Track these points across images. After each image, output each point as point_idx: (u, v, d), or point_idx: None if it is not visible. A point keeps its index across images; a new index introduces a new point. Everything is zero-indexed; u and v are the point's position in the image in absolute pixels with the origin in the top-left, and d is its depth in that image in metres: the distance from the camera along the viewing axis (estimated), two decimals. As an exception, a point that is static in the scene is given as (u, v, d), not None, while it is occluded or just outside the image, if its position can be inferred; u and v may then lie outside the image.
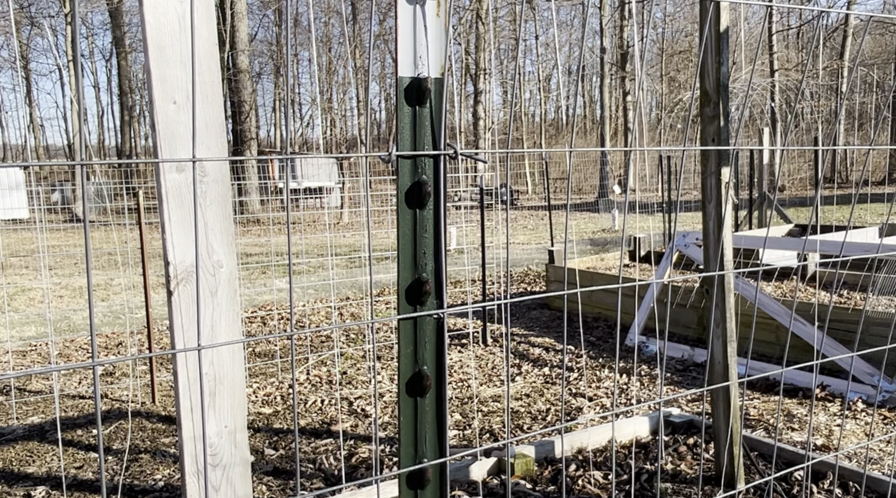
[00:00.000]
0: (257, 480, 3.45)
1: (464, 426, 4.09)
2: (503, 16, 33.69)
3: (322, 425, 4.19)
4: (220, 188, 1.34)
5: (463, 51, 27.56)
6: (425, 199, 1.18)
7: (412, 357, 1.30)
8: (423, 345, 1.30)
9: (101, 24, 40.70)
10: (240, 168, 17.31)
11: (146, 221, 4.74)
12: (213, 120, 1.32)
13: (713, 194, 2.89)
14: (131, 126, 37.04)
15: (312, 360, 5.58)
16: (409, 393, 1.31)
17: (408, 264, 1.26)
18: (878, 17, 2.71)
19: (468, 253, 8.16)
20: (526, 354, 5.59)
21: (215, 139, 1.33)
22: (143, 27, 1.25)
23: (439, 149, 0.68)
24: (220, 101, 1.35)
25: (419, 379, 1.30)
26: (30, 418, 4.51)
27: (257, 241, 12.35)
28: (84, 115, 2.74)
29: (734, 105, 12.84)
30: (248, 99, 21.05)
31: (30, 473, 3.66)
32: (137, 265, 10.27)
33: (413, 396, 1.30)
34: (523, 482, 3.19)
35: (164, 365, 5.47)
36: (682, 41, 32.89)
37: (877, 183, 25.76)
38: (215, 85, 1.32)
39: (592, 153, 28.62)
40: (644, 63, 1.55)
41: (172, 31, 1.25)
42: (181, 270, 1.29)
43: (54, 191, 20.50)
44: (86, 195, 0.50)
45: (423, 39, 0.57)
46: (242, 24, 20.91)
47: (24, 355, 6.18)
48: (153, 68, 1.25)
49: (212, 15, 1.32)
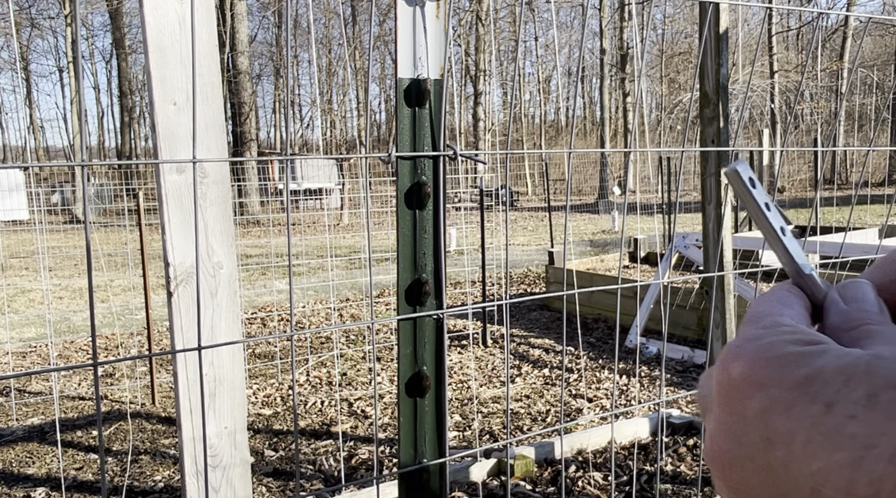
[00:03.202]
0: (257, 482, 3.45)
1: (464, 427, 4.09)
2: (503, 17, 33.72)
3: (322, 426, 4.19)
4: (220, 189, 1.34)
5: (463, 52, 27.59)
6: (425, 200, 1.18)
7: (412, 358, 1.30)
8: (423, 345, 1.30)
9: (102, 25, 40.79)
10: (239, 169, 17.32)
11: (146, 223, 4.74)
12: (213, 121, 1.32)
13: (713, 196, 2.89)
14: (131, 127, 37.06)
15: (312, 361, 5.58)
16: (408, 394, 1.31)
17: (407, 265, 1.26)
18: (877, 19, 2.71)
19: (468, 254, 8.16)
20: (526, 355, 5.59)
21: (215, 140, 1.33)
22: (143, 29, 1.26)
23: (439, 150, 0.69)
24: (220, 102, 1.35)
25: (419, 380, 1.30)
26: (30, 420, 4.51)
27: (257, 242, 12.36)
28: (84, 117, 2.75)
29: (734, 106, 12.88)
30: (248, 100, 21.07)
31: (30, 475, 3.66)
32: (137, 266, 10.27)
33: (413, 397, 1.30)
34: (523, 483, 3.19)
35: (164, 366, 5.47)
36: (682, 43, 32.94)
37: (876, 184, 25.79)
38: (215, 86, 1.32)
39: (592, 154, 28.63)
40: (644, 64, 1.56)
41: (172, 32, 1.26)
42: (181, 272, 1.30)
43: (54, 192, 20.51)
44: (86, 196, 0.50)
45: (422, 41, 0.58)
46: (242, 26, 20.93)
47: (24, 357, 6.18)
48: (153, 70, 1.25)
49: (212, 16, 1.33)
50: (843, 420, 0.26)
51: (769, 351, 0.30)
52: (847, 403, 0.26)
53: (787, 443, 0.27)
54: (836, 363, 0.28)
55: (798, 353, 0.29)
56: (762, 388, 0.29)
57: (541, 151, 0.72)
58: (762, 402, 0.29)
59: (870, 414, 0.25)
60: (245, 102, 20.64)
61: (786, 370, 0.29)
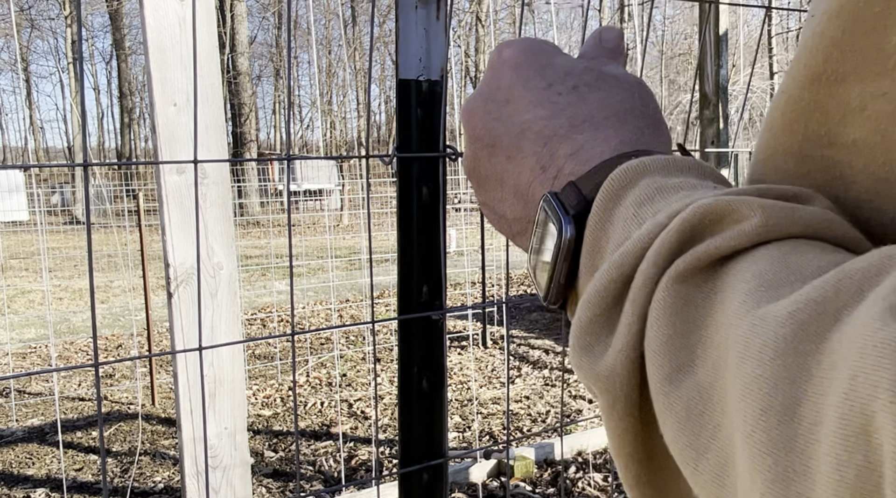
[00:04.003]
0: (257, 482, 3.45)
1: (463, 428, 4.09)
2: (503, 18, 33.74)
3: (322, 427, 4.19)
4: (220, 190, 1.34)
5: (463, 53, 27.60)
6: (425, 200, 1.18)
7: (412, 359, 1.30)
8: (423, 346, 1.30)
9: (101, 26, 40.77)
10: (239, 170, 17.31)
11: (146, 224, 4.74)
12: (214, 122, 1.32)
13: (712, 196, 2.89)
14: (131, 128, 37.06)
15: (312, 362, 5.58)
16: (408, 395, 1.31)
17: (407, 266, 1.26)
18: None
19: (468, 255, 8.17)
20: (526, 356, 5.59)
21: (215, 141, 1.33)
22: (143, 30, 1.26)
23: (439, 150, 0.69)
24: (221, 103, 1.35)
25: (419, 380, 1.30)
26: (29, 420, 4.51)
27: (257, 243, 12.35)
28: (84, 117, 2.71)
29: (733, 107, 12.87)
30: (248, 101, 21.07)
31: (29, 476, 3.66)
32: (137, 267, 10.26)
33: (412, 398, 1.30)
34: (523, 484, 3.19)
35: (164, 367, 5.47)
36: (682, 43, 32.96)
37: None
38: (215, 87, 1.32)
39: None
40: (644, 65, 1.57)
41: (173, 33, 1.26)
42: (181, 272, 1.30)
43: (54, 193, 20.50)
44: (88, 197, 0.50)
45: (423, 42, 0.58)
46: (242, 27, 20.94)
47: (24, 357, 6.17)
48: (154, 71, 1.25)
49: (212, 17, 1.33)
50: (554, 95, 0.40)
51: (531, 44, 0.43)
52: (559, 85, 0.40)
53: (518, 101, 0.40)
54: (565, 62, 0.41)
55: (547, 50, 0.42)
56: (517, 67, 0.41)
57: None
58: (514, 75, 0.41)
59: (570, 95, 0.40)
60: (245, 103, 20.65)
61: (535, 57, 0.41)
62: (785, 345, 0.22)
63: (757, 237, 0.27)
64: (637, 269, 0.29)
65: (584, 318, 0.31)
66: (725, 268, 0.27)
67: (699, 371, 0.26)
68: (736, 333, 0.24)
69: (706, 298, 0.27)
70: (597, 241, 0.34)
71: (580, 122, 0.39)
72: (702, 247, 0.27)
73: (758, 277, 0.25)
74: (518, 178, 0.40)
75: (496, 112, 0.41)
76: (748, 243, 0.27)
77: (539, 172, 0.39)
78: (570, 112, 0.39)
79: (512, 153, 0.40)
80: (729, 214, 0.27)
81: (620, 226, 0.32)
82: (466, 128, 0.43)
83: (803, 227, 0.27)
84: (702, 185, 0.32)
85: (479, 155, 0.42)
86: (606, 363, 0.29)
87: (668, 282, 0.27)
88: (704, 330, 0.26)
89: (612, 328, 0.30)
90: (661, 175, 0.33)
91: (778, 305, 0.23)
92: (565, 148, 0.38)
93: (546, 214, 0.37)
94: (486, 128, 0.42)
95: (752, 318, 0.24)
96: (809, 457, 0.20)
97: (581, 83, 0.40)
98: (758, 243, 0.27)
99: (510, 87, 0.41)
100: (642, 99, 0.41)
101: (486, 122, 0.42)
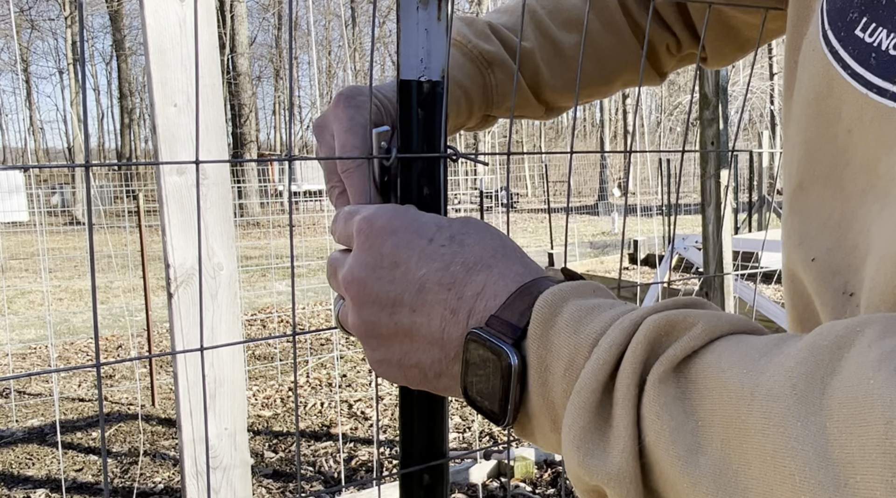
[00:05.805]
0: (257, 483, 3.45)
1: (463, 429, 4.09)
2: (503, 19, 33.68)
3: (322, 428, 4.19)
4: (221, 191, 1.34)
5: (463, 54, 27.53)
6: (426, 201, 1.17)
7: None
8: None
9: (102, 27, 40.75)
10: (239, 171, 17.32)
11: (146, 224, 4.74)
12: (214, 123, 1.32)
13: (712, 197, 2.89)
14: (131, 129, 37.06)
15: (312, 362, 5.58)
16: (408, 395, 1.31)
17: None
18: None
19: (468, 256, 8.20)
20: (526, 356, 5.58)
21: (216, 142, 1.33)
22: (143, 30, 1.26)
23: (440, 151, 0.69)
24: (221, 104, 1.35)
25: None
26: (29, 421, 4.51)
27: (257, 243, 12.36)
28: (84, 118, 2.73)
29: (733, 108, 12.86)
30: (248, 102, 21.08)
31: (29, 476, 3.66)
32: (137, 268, 10.26)
33: (413, 398, 1.30)
34: (523, 485, 3.19)
35: (164, 368, 5.47)
36: (682, 44, 32.88)
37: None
38: (216, 88, 1.32)
39: (592, 156, 28.66)
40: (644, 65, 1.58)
41: (173, 34, 1.26)
42: (181, 273, 1.30)
43: (54, 193, 20.49)
44: (90, 198, 0.50)
45: (423, 42, 0.58)
46: (242, 28, 20.95)
47: (24, 358, 6.17)
48: (154, 71, 1.25)
49: (212, 18, 1.33)
50: (437, 248, 0.44)
51: (396, 210, 0.47)
52: (440, 238, 0.44)
53: (407, 262, 0.44)
54: (431, 218, 0.46)
55: (410, 212, 0.47)
56: (394, 232, 0.45)
57: (541, 152, 0.72)
58: (394, 239, 0.45)
59: (451, 245, 0.44)
60: (245, 104, 20.65)
61: (406, 220, 0.46)
62: (795, 409, 0.26)
63: (706, 337, 0.33)
64: (615, 377, 0.34)
65: (576, 428, 0.34)
66: (692, 365, 0.32)
67: (708, 449, 0.30)
68: (742, 409, 0.29)
69: (687, 391, 0.32)
70: (542, 360, 0.38)
71: (473, 264, 0.43)
72: (670, 352, 0.33)
73: (734, 365, 0.30)
74: (429, 327, 0.43)
75: (388, 276, 0.44)
76: (701, 344, 0.33)
77: (450, 316, 0.42)
78: (460, 259, 0.43)
79: (416, 306, 0.43)
80: (678, 324, 0.34)
81: (564, 345, 0.37)
82: (357, 296, 0.45)
83: (732, 325, 0.34)
84: (613, 303, 0.39)
85: (376, 317, 0.45)
86: (614, 463, 0.33)
87: (654, 384, 0.32)
88: (698, 415, 0.31)
89: (603, 433, 0.34)
90: (579, 298, 0.39)
91: (766, 377, 0.28)
92: (470, 290, 0.42)
93: (479, 348, 0.40)
94: (381, 291, 0.44)
95: (753, 397, 0.28)
96: (850, 476, 0.24)
97: (455, 233, 0.45)
98: (707, 343, 0.33)
99: (394, 252, 0.44)
100: (500, 236, 0.46)
101: (380, 286, 0.44)
